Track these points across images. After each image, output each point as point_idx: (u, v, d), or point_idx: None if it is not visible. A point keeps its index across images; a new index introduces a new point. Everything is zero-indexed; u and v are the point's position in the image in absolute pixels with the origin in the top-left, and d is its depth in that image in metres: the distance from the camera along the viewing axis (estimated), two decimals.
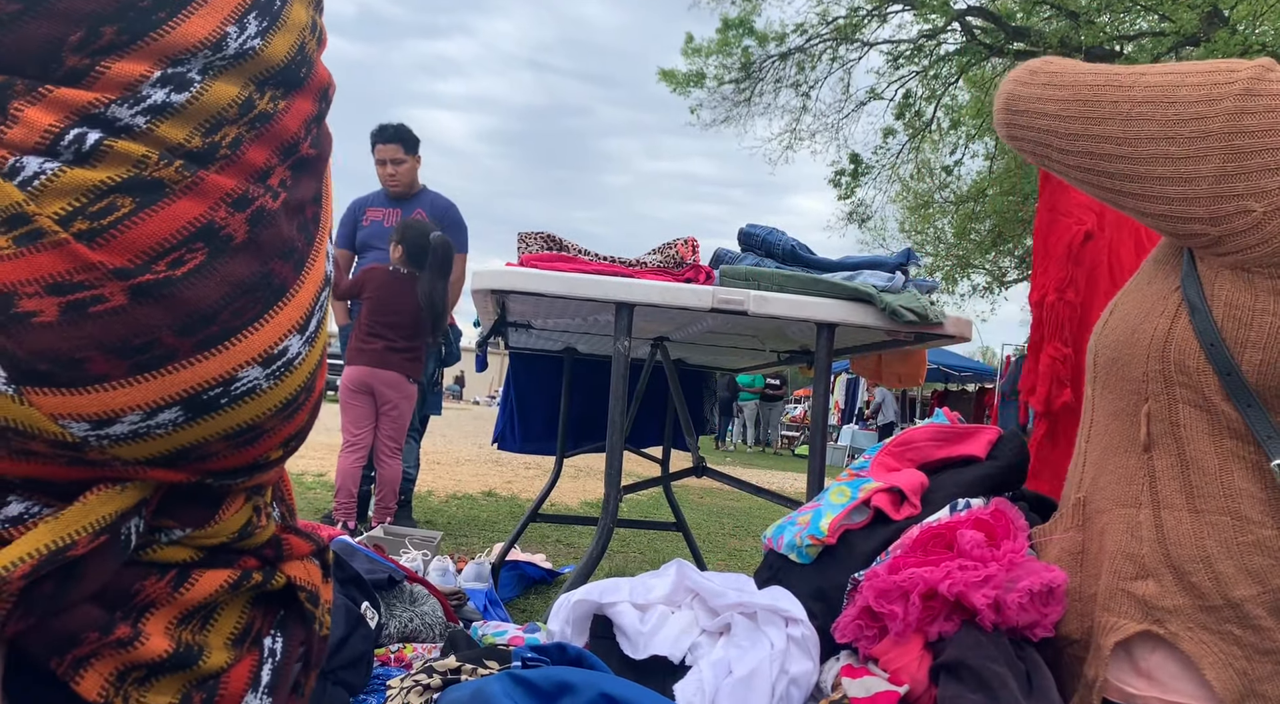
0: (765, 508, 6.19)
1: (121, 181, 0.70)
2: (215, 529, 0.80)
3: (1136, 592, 0.99)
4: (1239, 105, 0.91)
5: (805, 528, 1.27)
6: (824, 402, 1.86)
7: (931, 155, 16.45)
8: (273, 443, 0.81)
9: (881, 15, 13.90)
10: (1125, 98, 0.98)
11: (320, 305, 0.82)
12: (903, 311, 1.72)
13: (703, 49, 14.68)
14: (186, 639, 0.77)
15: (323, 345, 0.84)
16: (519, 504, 5.32)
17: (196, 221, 0.72)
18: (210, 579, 0.79)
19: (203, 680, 0.77)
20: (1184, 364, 0.98)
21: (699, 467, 2.44)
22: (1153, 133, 0.95)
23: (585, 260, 1.86)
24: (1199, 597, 0.96)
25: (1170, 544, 0.98)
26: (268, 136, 0.78)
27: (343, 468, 3.70)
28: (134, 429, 0.71)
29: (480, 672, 1.17)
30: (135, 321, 0.69)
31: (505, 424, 3.33)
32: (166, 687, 0.75)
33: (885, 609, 1.06)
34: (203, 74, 0.75)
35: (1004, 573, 1.04)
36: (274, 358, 0.76)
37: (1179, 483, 0.99)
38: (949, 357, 15.57)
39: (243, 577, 0.82)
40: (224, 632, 0.81)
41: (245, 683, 0.80)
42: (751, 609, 1.16)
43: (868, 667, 1.07)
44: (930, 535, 1.15)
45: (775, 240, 1.96)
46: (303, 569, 0.89)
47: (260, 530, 0.84)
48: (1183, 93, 0.95)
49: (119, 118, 0.71)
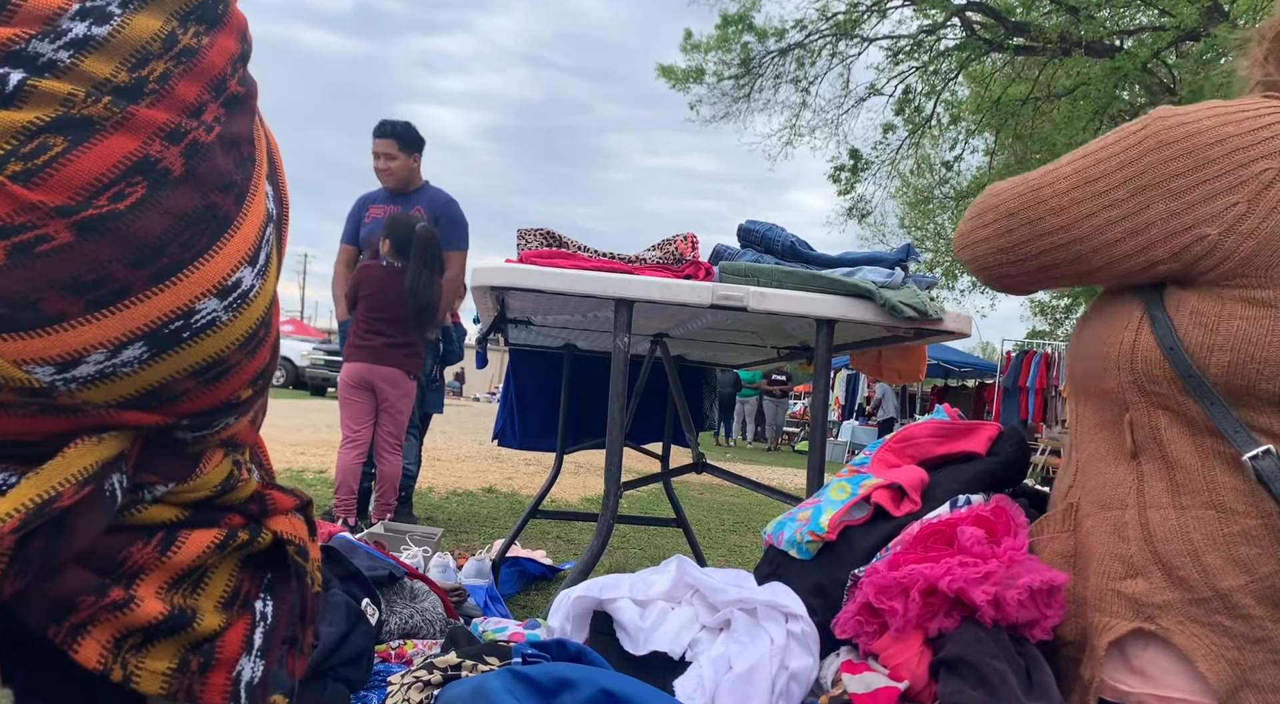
0: (765, 504, 6.20)
1: (50, 121, 0.70)
2: (197, 483, 0.80)
3: (1126, 590, 1.01)
4: (1161, 154, 0.98)
5: (805, 524, 1.27)
6: (824, 398, 1.86)
7: (931, 151, 16.45)
8: (241, 380, 0.82)
9: (881, 11, 13.87)
10: (1050, 194, 1.06)
11: (266, 240, 0.82)
12: (902, 307, 1.72)
13: (702, 45, 14.66)
14: (179, 603, 0.77)
15: (274, 282, 0.84)
16: (519, 500, 5.33)
17: (132, 156, 0.72)
18: (197, 540, 0.79)
19: (198, 644, 0.78)
20: (1151, 372, 1.02)
21: (699, 463, 2.44)
22: (1089, 210, 1.02)
23: (585, 257, 1.86)
24: (1188, 590, 0.97)
25: (1158, 541, 1.00)
26: (196, 72, 0.78)
27: (342, 464, 3.70)
28: (100, 369, 0.71)
29: (480, 668, 1.17)
30: (85, 258, 0.69)
31: (505, 420, 3.33)
32: (163, 651, 0.76)
33: (885, 605, 1.06)
34: (122, 7, 0.74)
35: (1004, 570, 1.04)
36: (229, 289, 0.77)
37: (1165, 483, 1.01)
38: (949, 352, 15.57)
39: (229, 535, 0.82)
40: (214, 595, 0.81)
41: (240, 646, 0.81)
42: (751, 605, 1.16)
43: (868, 662, 1.07)
44: (931, 532, 1.15)
45: (775, 236, 1.95)
46: (289, 524, 0.89)
47: (242, 484, 0.85)
48: (1101, 167, 1.02)
49: (41, 54, 0.71)
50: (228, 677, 0.79)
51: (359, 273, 3.75)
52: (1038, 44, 11.90)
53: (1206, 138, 0.96)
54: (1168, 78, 11.68)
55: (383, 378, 3.68)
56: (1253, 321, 0.95)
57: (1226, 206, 0.94)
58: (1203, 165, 0.96)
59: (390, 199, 4.10)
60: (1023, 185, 1.10)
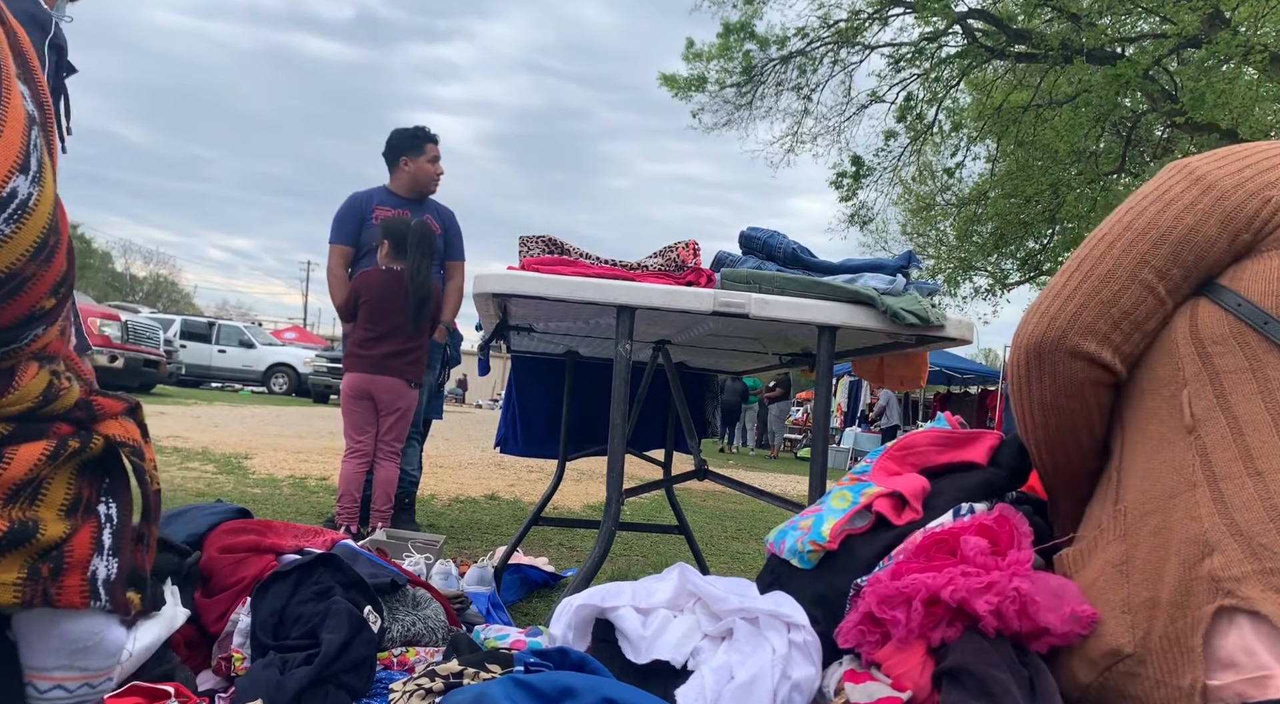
0: (768, 511, 6.19)
1: None
2: (17, 396, 0.81)
3: (1204, 571, 0.95)
4: (1202, 196, 1.04)
5: (807, 533, 1.26)
6: (826, 404, 1.86)
7: (933, 158, 16.47)
8: (40, 290, 0.82)
9: (882, 18, 13.91)
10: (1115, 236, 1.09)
11: (34, 145, 0.80)
12: (904, 314, 1.72)
13: (704, 53, 14.69)
14: (18, 516, 0.79)
15: (52, 187, 0.83)
16: (522, 507, 5.33)
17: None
18: (27, 453, 0.81)
19: (46, 551, 0.80)
20: (1217, 336, 1.02)
21: (701, 469, 2.44)
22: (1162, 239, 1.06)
23: (586, 264, 1.86)
24: (1271, 557, 0.92)
25: (1236, 512, 0.95)
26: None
27: (345, 473, 3.70)
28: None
29: (483, 676, 1.17)
30: None
31: (508, 428, 3.33)
32: (10, 563, 0.79)
33: (888, 615, 1.06)
34: None
35: (1007, 579, 1.03)
36: (5, 202, 0.76)
37: (1235, 450, 0.98)
38: (951, 359, 15.56)
39: (59, 445, 0.83)
40: (55, 504, 0.83)
41: (89, 548, 0.83)
42: (753, 614, 1.16)
43: (870, 672, 1.07)
44: (933, 541, 1.14)
45: (776, 243, 1.96)
46: (120, 427, 0.90)
47: (64, 393, 0.86)
48: (1165, 210, 1.05)
49: None
50: (83, 577, 0.82)
51: (359, 280, 3.74)
52: (1039, 51, 11.92)
53: None
54: (1169, 85, 11.70)
55: (383, 388, 3.67)
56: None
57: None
58: (1236, 179, 1.02)
59: (399, 202, 4.09)
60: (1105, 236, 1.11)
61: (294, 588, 1.57)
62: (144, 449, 0.92)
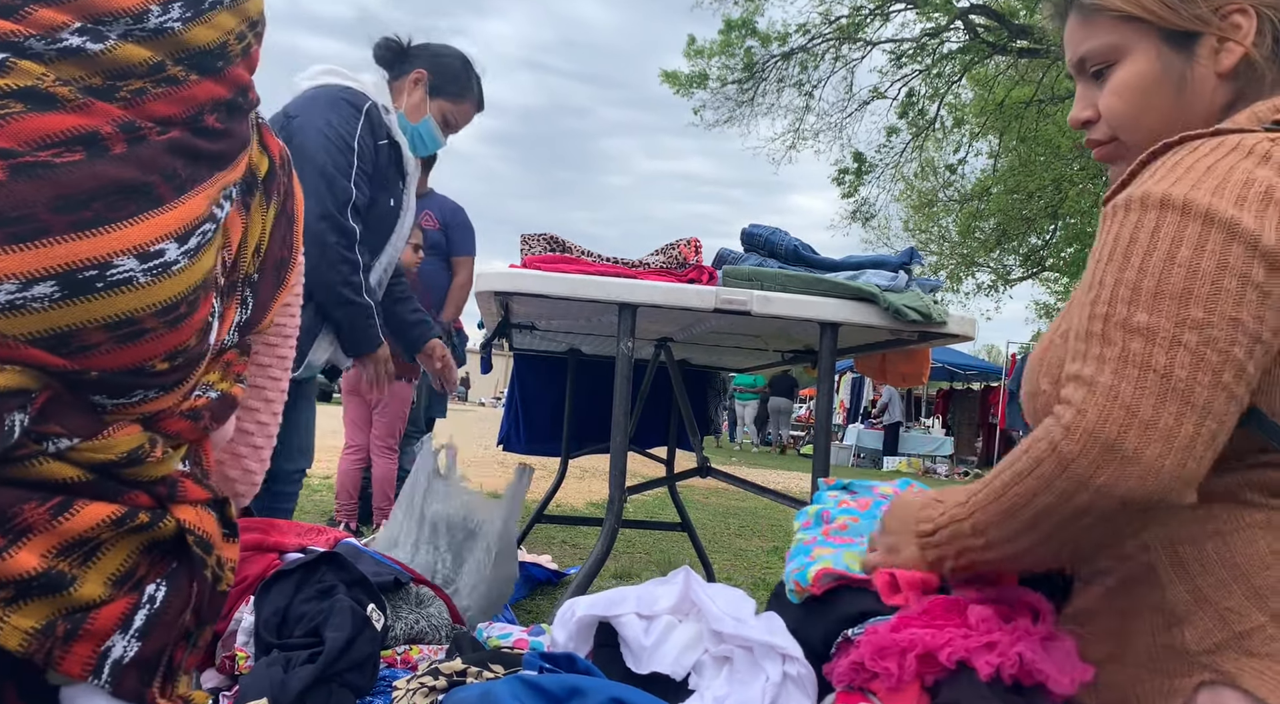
0: (771, 508, 6.19)
1: (18, 89, 0.78)
2: (102, 444, 0.82)
3: (1175, 643, 0.89)
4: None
5: (799, 570, 1.21)
6: (828, 401, 1.86)
7: (935, 154, 16.44)
8: (155, 348, 0.84)
9: (884, 14, 13.89)
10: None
11: (201, 230, 0.87)
12: (906, 311, 1.72)
13: (705, 50, 14.68)
14: (60, 568, 0.79)
15: (203, 272, 0.88)
16: (524, 505, 5.33)
17: (80, 129, 0.80)
18: (93, 511, 0.81)
19: (71, 611, 0.79)
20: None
21: (704, 467, 2.44)
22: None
23: (588, 262, 1.86)
24: (1241, 621, 0.87)
25: (1197, 577, 0.89)
26: (174, 98, 0.86)
27: (341, 469, 3.72)
28: (10, 299, 0.76)
29: (486, 674, 1.17)
30: (12, 196, 0.76)
31: (510, 425, 3.33)
32: (33, 611, 0.78)
33: (879, 666, 1.02)
34: (121, 38, 0.83)
35: (1011, 643, 0.98)
36: (149, 256, 0.82)
37: (1192, 513, 0.90)
38: (954, 355, 15.55)
39: (128, 513, 0.83)
40: (105, 571, 0.82)
41: (115, 622, 0.82)
42: (749, 644, 1.14)
43: (866, 695, 1.05)
44: (942, 606, 1.08)
45: (778, 240, 1.96)
46: (195, 515, 0.90)
47: (153, 461, 0.86)
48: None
49: (31, 48, 0.80)
50: (94, 649, 0.80)
51: None
52: (1041, 47, 11.90)
53: None
54: None
55: (361, 380, 3.70)
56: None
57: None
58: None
59: None
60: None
61: (297, 586, 1.57)
62: (214, 544, 0.91)
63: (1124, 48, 1.00)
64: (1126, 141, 1.03)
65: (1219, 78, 0.97)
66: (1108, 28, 1.00)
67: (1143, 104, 1.00)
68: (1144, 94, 0.99)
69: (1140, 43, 0.99)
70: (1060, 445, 0.83)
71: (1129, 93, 1.00)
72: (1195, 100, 0.98)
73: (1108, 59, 1.01)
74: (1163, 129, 0.98)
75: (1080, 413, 0.83)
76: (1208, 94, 0.97)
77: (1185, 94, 0.98)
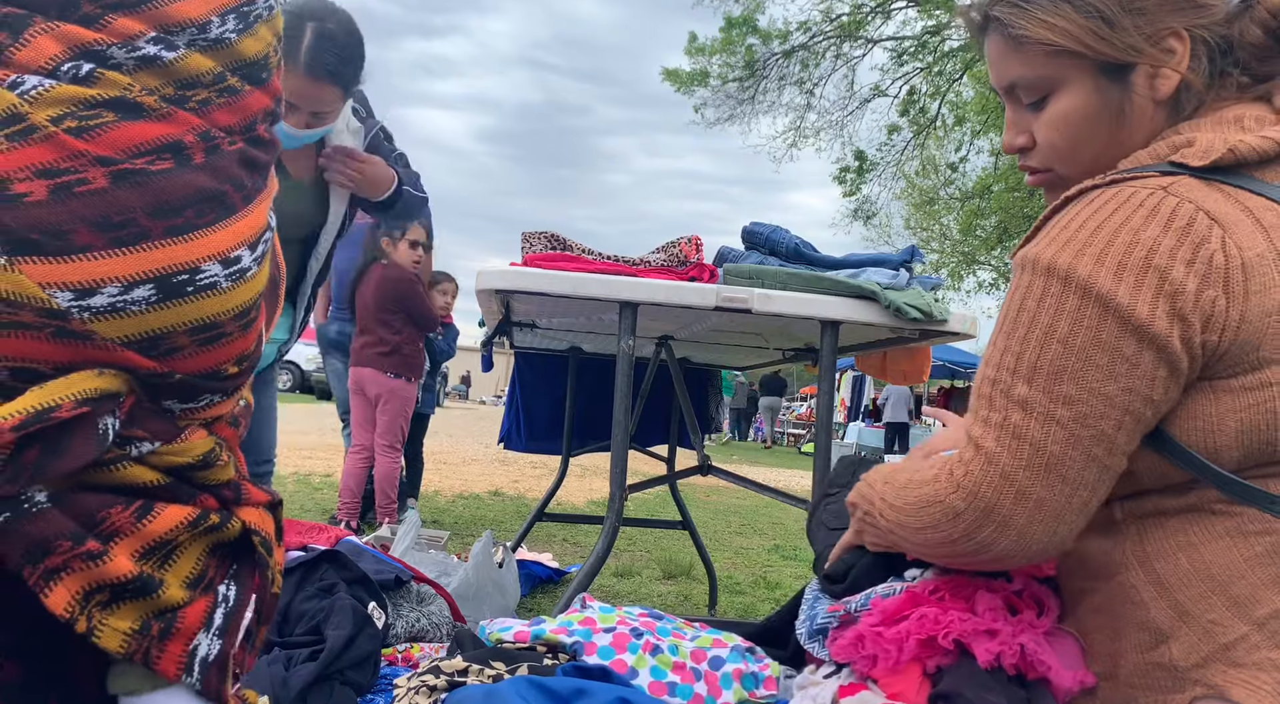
0: (771, 506, 6.19)
1: (109, 99, 0.83)
2: (181, 447, 0.86)
3: (1163, 660, 0.89)
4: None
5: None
6: (829, 399, 1.85)
7: (936, 152, 16.43)
8: (229, 352, 0.90)
9: (885, 12, 13.88)
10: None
11: (264, 239, 0.93)
12: (907, 308, 1.71)
13: (706, 48, 14.67)
14: (148, 572, 0.82)
15: (264, 278, 0.94)
16: (525, 503, 5.33)
17: (167, 137, 0.85)
18: (172, 513, 0.84)
19: (161, 612, 0.82)
20: (1157, 474, 0.93)
21: (704, 465, 2.44)
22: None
23: (589, 260, 1.86)
24: (1224, 633, 0.87)
25: (1176, 591, 0.90)
26: (234, 108, 0.92)
27: (347, 469, 3.74)
28: (112, 302, 0.80)
29: (487, 672, 1.17)
30: (115, 201, 0.81)
31: (511, 424, 3.33)
32: (128, 612, 0.81)
33: (879, 647, 1.02)
34: (188, 46, 0.89)
35: (1013, 634, 0.98)
36: (231, 262, 0.88)
37: (1165, 530, 0.92)
38: (955, 353, 15.55)
39: (201, 515, 0.87)
40: (181, 573, 0.85)
41: (200, 620, 0.85)
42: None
43: (866, 684, 1.05)
44: (952, 586, 1.08)
45: (779, 238, 1.96)
46: (258, 516, 0.93)
47: (221, 465, 0.90)
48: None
49: (113, 57, 0.85)
50: (184, 648, 0.83)
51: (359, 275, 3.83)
52: None
53: None
54: None
55: (364, 380, 3.76)
56: (1253, 409, 0.86)
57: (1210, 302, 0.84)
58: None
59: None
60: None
61: (298, 584, 1.58)
62: (273, 546, 0.95)
63: (1058, 80, 0.97)
64: (1062, 173, 1.02)
65: (1156, 104, 0.95)
66: (1040, 60, 0.97)
67: (1081, 138, 0.98)
68: (1082, 128, 0.98)
69: (1075, 75, 0.96)
70: (949, 499, 0.91)
71: (1067, 127, 0.98)
72: (1135, 128, 0.96)
73: (1041, 91, 0.99)
74: (1100, 159, 0.98)
75: (968, 474, 0.90)
76: (1146, 121, 0.96)
77: (1124, 124, 0.96)
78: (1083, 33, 0.94)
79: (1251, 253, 0.84)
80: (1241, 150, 0.88)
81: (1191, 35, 0.93)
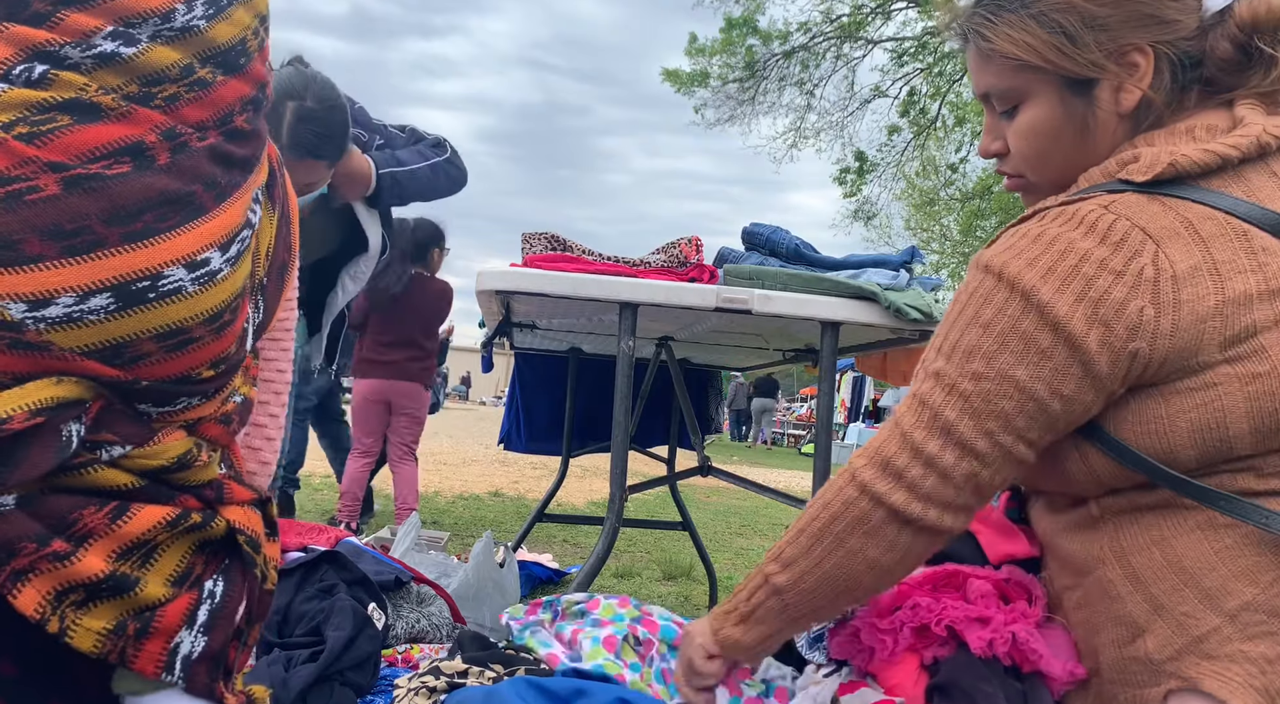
0: (771, 507, 6.20)
1: (63, 102, 0.79)
2: (154, 450, 0.84)
3: (1139, 654, 0.92)
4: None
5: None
6: (829, 400, 1.86)
7: (937, 152, 16.43)
8: (202, 356, 0.87)
9: (885, 12, 13.89)
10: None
11: (240, 239, 0.89)
12: (907, 309, 1.72)
13: (706, 49, 14.68)
14: (124, 571, 0.80)
15: (242, 278, 0.90)
16: (525, 504, 5.33)
17: (126, 140, 0.81)
18: (149, 514, 0.82)
19: (139, 611, 0.81)
20: (1118, 479, 0.95)
21: (704, 466, 2.44)
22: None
23: (589, 260, 1.86)
24: (1197, 625, 0.89)
25: (1150, 585, 0.92)
26: (205, 101, 0.87)
27: (351, 472, 3.75)
28: (68, 312, 0.77)
29: (487, 674, 1.17)
30: (67, 209, 0.77)
31: (511, 425, 3.34)
32: (103, 612, 0.79)
33: (876, 639, 1.04)
34: (151, 39, 0.84)
35: (1005, 622, 0.99)
36: (197, 265, 0.84)
37: (1139, 526, 0.94)
38: None
39: (181, 515, 0.85)
40: (164, 572, 0.84)
41: (181, 618, 0.83)
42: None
43: (865, 680, 1.06)
44: (943, 575, 1.09)
45: (779, 239, 1.96)
46: (243, 514, 0.92)
47: (200, 466, 0.88)
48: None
49: (69, 57, 0.81)
50: (164, 646, 0.82)
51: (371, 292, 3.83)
52: None
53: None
54: None
55: (401, 393, 3.78)
56: (1202, 409, 0.88)
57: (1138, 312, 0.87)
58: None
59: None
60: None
61: (298, 585, 1.58)
62: (260, 543, 0.93)
63: (1026, 92, 1.01)
64: (1034, 181, 1.06)
65: (1120, 117, 0.98)
66: (1008, 72, 1.01)
67: (1046, 148, 1.02)
68: (1047, 139, 1.01)
69: (1041, 88, 1.00)
70: (853, 462, 0.97)
71: (1034, 137, 1.02)
72: (1100, 139, 0.99)
73: (1012, 101, 1.02)
74: (1068, 168, 1.01)
75: (873, 440, 0.97)
76: (1110, 134, 0.99)
77: (1089, 135, 0.99)
78: (1045, 48, 0.97)
79: (1184, 265, 0.87)
80: (1183, 164, 0.91)
81: (1155, 51, 0.95)
